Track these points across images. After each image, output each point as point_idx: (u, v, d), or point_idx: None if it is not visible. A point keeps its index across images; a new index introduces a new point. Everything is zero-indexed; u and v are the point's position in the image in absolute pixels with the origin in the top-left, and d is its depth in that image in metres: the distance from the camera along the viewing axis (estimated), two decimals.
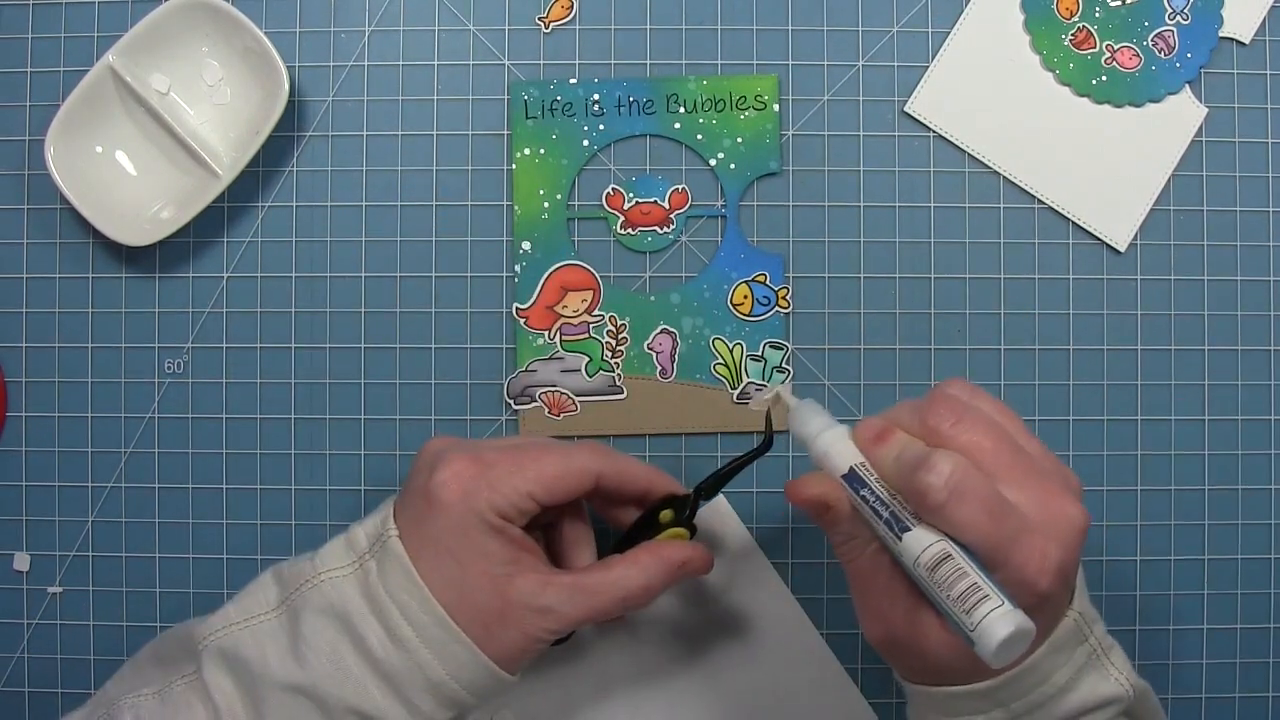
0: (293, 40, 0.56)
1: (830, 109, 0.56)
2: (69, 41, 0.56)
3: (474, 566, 0.44)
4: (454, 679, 0.44)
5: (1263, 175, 0.56)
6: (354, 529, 0.46)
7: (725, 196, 0.56)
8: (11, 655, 0.56)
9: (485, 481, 0.44)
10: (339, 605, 0.44)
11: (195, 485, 0.56)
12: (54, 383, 0.56)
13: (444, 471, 0.44)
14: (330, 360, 0.56)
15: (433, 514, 0.44)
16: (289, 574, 0.45)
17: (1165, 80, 0.56)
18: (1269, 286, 0.56)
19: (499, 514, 0.44)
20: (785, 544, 0.56)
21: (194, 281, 0.56)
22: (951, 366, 0.56)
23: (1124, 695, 0.43)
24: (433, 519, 0.44)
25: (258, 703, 0.43)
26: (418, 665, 0.43)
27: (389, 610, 0.43)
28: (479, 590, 0.44)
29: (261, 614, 0.45)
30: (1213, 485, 0.56)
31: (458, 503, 0.44)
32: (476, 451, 0.45)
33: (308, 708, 0.43)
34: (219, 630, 0.45)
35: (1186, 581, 0.56)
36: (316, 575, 0.44)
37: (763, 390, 0.53)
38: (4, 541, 0.56)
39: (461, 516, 0.44)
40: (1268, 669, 0.56)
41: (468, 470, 0.44)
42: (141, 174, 0.56)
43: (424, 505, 0.44)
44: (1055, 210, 0.56)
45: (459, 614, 0.44)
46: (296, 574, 0.45)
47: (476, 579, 0.44)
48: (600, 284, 0.56)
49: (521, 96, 0.56)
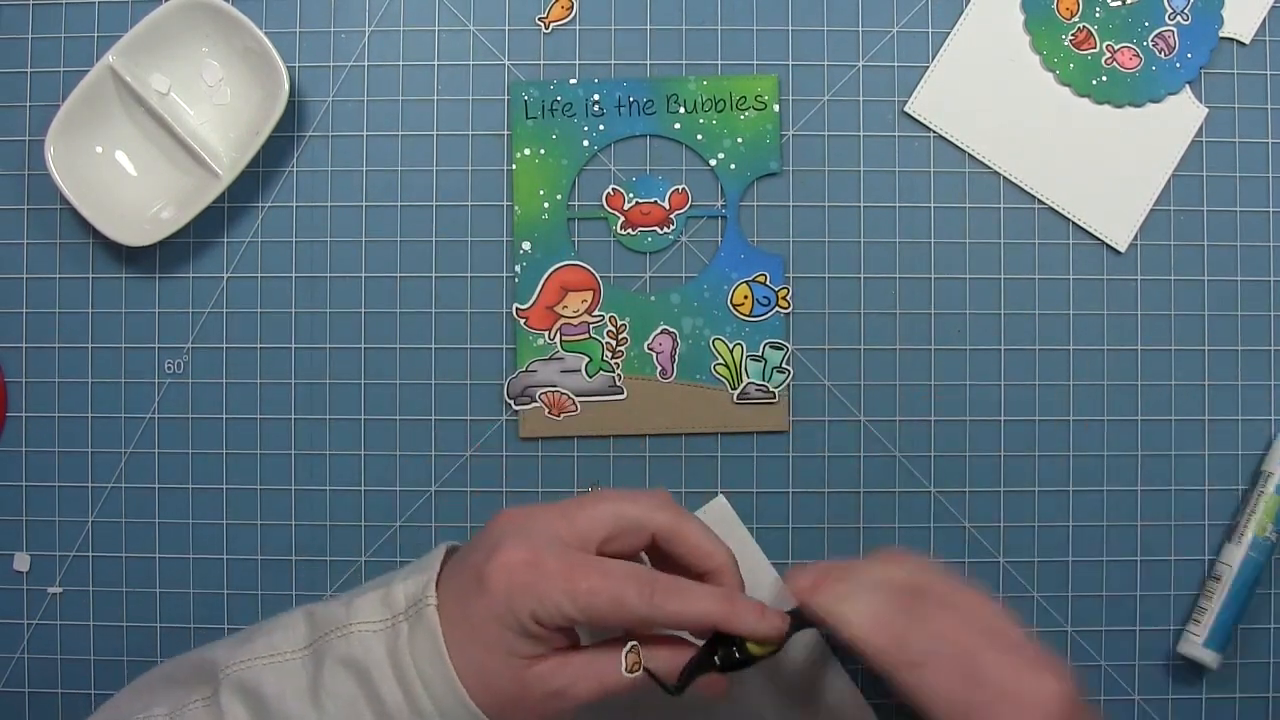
0: (293, 40, 0.56)
1: (830, 109, 0.56)
2: (69, 41, 0.56)
3: (499, 655, 0.43)
4: None
5: (1263, 175, 0.56)
6: (394, 586, 0.45)
7: (725, 197, 0.56)
8: (11, 655, 0.56)
9: (534, 588, 0.43)
10: (363, 660, 0.43)
11: (195, 485, 0.56)
12: (54, 383, 0.56)
13: (499, 559, 0.43)
14: (330, 360, 0.56)
15: (478, 596, 0.43)
16: (321, 616, 0.45)
17: (1165, 80, 0.56)
18: (1269, 286, 0.56)
19: (538, 622, 0.43)
20: (785, 544, 0.56)
21: (194, 281, 0.56)
22: (951, 366, 0.56)
23: None
24: (476, 601, 0.43)
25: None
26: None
27: (412, 679, 0.43)
28: (500, 677, 0.43)
29: (289, 652, 0.44)
30: (1213, 485, 0.56)
31: (503, 598, 0.43)
32: (537, 548, 0.43)
33: None
34: (243, 662, 0.44)
35: (1186, 581, 0.56)
36: (348, 626, 0.44)
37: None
38: (4, 541, 0.56)
39: (503, 612, 0.43)
40: (1268, 669, 0.56)
41: (521, 568, 0.43)
42: (141, 174, 0.56)
43: (473, 584, 0.43)
44: (1055, 210, 0.56)
45: (480, 696, 0.43)
46: (328, 618, 0.44)
47: (499, 667, 0.43)
48: (600, 284, 0.56)
49: (521, 96, 0.56)
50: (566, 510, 0.45)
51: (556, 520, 0.45)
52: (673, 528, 0.46)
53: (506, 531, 0.44)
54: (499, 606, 0.43)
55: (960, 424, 0.56)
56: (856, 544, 0.56)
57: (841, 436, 0.56)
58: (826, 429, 0.56)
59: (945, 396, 0.56)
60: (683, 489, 0.56)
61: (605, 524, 0.45)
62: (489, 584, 0.43)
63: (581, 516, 0.45)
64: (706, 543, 0.46)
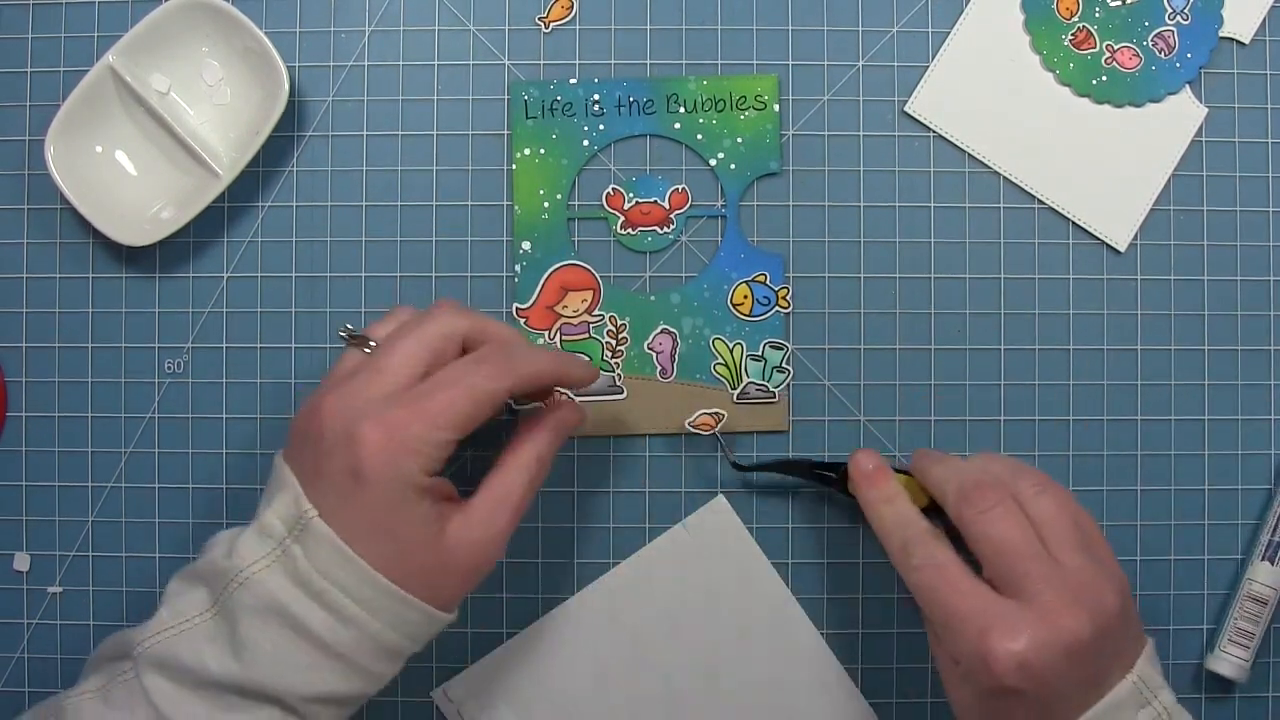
0: (293, 40, 0.56)
1: (830, 109, 0.56)
2: (69, 41, 0.56)
3: (410, 534, 0.43)
4: (406, 637, 0.44)
5: (1263, 175, 0.56)
6: (264, 516, 0.44)
7: (725, 196, 0.56)
8: (11, 655, 0.56)
9: (407, 446, 0.43)
10: (272, 598, 0.43)
11: (195, 485, 0.56)
12: (54, 383, 0.56)
13: (362, 450, 0.43)
14: (330, 360, 0.56)
15: (361, 491, 0.43)
16: (209, 573, 0.44)
17: (1165, 80, 0.56)
18: (1269, 286, 0.56)
19: (427, 472, 0.44)
20: (785, 544, 0.56)
21: (194, 281, 0.56)
22: (951, 366, 0.56)
23: None
24: (361, 496, 0.43)
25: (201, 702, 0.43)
26: (369, 636, 0.43)
27: (325, 590, 0.43)
28: (418, 555, 0.44)
29: (194, 616, 0.44)
30: (1212, 485, 0.56)
31: (388, 477, 0.43)
32: (384, 414, 0.43)
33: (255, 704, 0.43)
34: (153, 637, 0.44)
35: (1187, 582, 0.56)
36: (239, 573, 0.43)
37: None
38: (4, 541, 0.56)
39: (391, 488, 0.43)
40: (1268, 669, 0.56)
41: (388, 439, 0.43)
42: (141, 174, 0.56)
43: (351, 485, 0.43)
44: (1055, 210, 0.56)
45: (406, 584, 0.43)
46: (219, 573, 0.44)
47: (414, 546, 0.44)
48: (600, 284, 0.56)
49: (521, 96, 0.56)
50: (376, 365, 0.45)
51: (374, 381, 0.45)
52: (477, 327, 0.47)
53: (345, 424, 0.44)
54: (388, 488, 0.43)
55: (960, 424, 0.56)
56: (856, 544, 0.56)
57: (841, 436, 0.56)
58: (826, 429, 0.56)
59: (945, 396, 0.56)
60: (682, 489, 0.56)
61: (419, 358, 0.45)
62: (368, 475, 0.43)
63: (393, 364, 0.45)
64: (504, 329, 0.48)
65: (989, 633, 0.43)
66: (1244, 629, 0.54)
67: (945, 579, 0.45)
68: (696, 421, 0.54)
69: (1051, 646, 0.42)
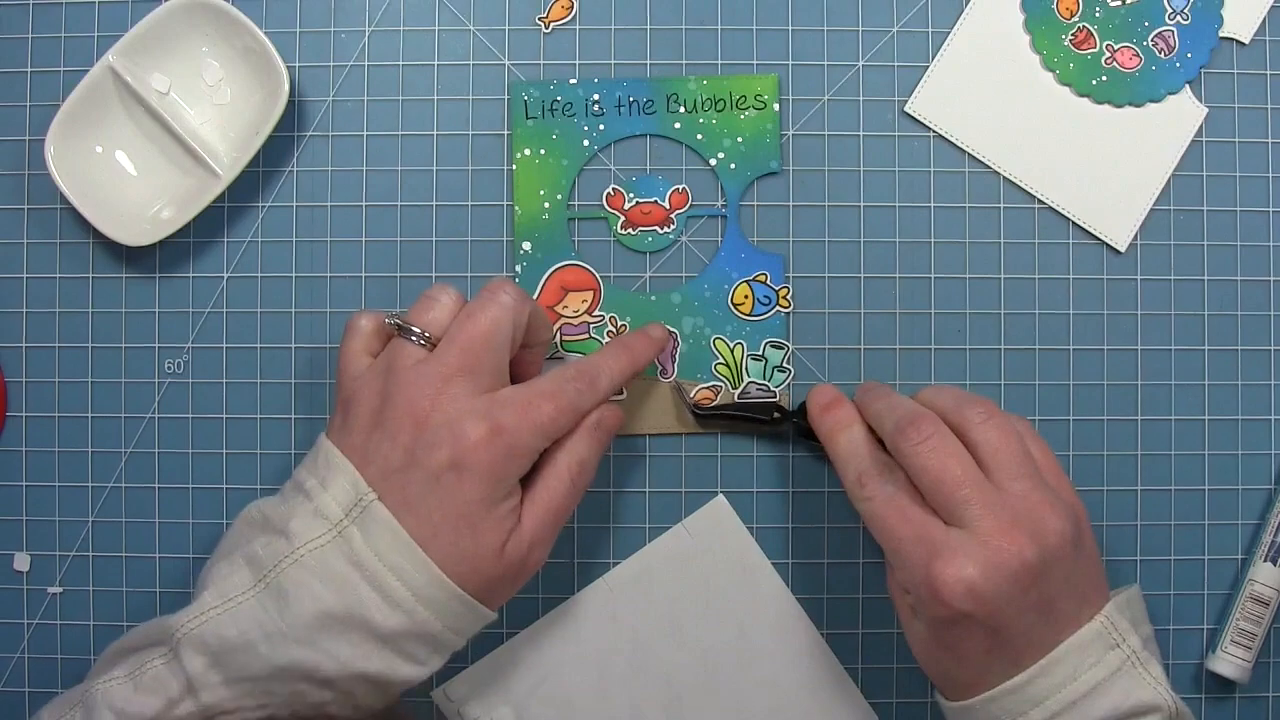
0: (293, 40, 0.56)
1: (830, 109, 0.56)
2: (69, 41, 0.56)
3: (489, 531, 0.44)
4: (450, 629, 0.45)
5: (1263, 175, 0.56)
6: (318, 499, 0.44)
7: (725, 196, 0.56)
8: (11, 655, 0.56)
9: (516, 450, 0.45)
10: (327, 575, 0.43)
11: (195, 485, 0.56)
12: (54, 383, 0.56)
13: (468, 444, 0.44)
14: (330, 360, 0.56)
15: (460, 483, 0.44)
16: (262, 554, 0.44)
17: (1165, 80, 0.56)
18: (1269, 286, 0.56)
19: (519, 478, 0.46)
20: (785, 544, 0.56)
21: (194, 281, 0.56)
22: (951, 366, 0.56)
23: (1164, 704, 0.44)
24: (458, 487, 0.44)
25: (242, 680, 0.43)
26: (416, 624, 0.44)
27: (383, 576, 0.43)
28: (487, 560, 0.45)
29: (239, 595, 0.44)
30: (1213, 485, 0.56)
31: (494, 475, 0.44)
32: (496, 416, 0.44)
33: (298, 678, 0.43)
34: (197, 618, 0.44)
35: (1187, 582, 0.56)
36: (294, 551, 0.44)
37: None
38: (4, 541, 0.56)
39: (490, 485, 0.44)
40: (1268, 668, 0.56)
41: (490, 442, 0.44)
42: (141, 174, 0.56)
43: (450, 476, 0.44)
44: (1055, 210, 0.56)
45: (468, 584, 0.44)
46: (271, 553, 0.44)
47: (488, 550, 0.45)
48: (600, 284, 0.56)
49: (521, 97, 0.56)
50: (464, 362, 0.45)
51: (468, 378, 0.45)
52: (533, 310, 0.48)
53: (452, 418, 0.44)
54: (489, 484, 0.44)
55: None
56: (856, 544, 0.56)
57: None
58: None
59: None
60: (683, 489, 0.56)
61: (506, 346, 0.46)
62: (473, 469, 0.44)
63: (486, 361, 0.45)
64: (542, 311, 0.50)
65: (934, 559, 0.43)
66: (1246, 630, 0.54)
67: (894, 508, 0.46)
68: (697, 396, 0.55)
69: (997, 569, 0.42)
